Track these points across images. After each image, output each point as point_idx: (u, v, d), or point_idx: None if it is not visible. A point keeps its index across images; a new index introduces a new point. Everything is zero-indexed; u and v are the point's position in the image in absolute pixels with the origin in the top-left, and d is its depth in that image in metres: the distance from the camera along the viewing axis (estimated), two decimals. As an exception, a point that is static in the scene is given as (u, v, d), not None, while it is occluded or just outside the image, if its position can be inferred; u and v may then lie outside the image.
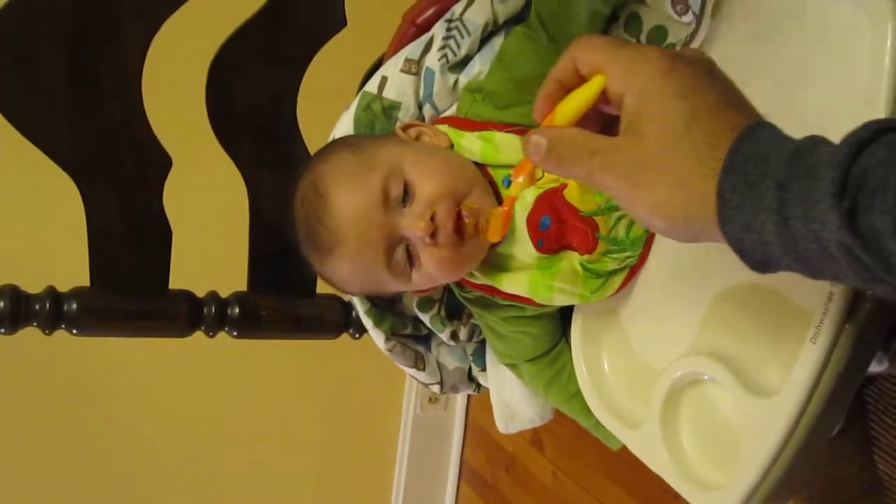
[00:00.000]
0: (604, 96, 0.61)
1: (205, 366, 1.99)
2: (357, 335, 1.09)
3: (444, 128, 0.89)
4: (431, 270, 0.82)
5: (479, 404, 2.41)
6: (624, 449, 0.96)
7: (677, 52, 0.59)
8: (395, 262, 0.83)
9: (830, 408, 0.68)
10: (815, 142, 0.50)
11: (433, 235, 0.80)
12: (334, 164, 0.85)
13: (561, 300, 0.87)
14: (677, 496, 0.78)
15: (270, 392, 2.18)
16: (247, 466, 2.19)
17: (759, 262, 0.53)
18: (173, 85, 1.10)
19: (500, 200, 0.85)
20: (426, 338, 1.04)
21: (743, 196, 0.51)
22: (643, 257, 0.85)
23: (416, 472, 2.41)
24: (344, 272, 0.86)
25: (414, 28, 0.96)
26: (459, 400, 2.45)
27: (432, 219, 0.79)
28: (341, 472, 2.35)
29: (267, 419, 2.19)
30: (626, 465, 1.89)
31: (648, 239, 0.84)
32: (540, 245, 0.84)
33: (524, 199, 0.84)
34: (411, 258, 0.83)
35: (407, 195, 0.82)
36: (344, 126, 0.96)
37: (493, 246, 0.86)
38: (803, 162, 0.49)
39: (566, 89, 0.64)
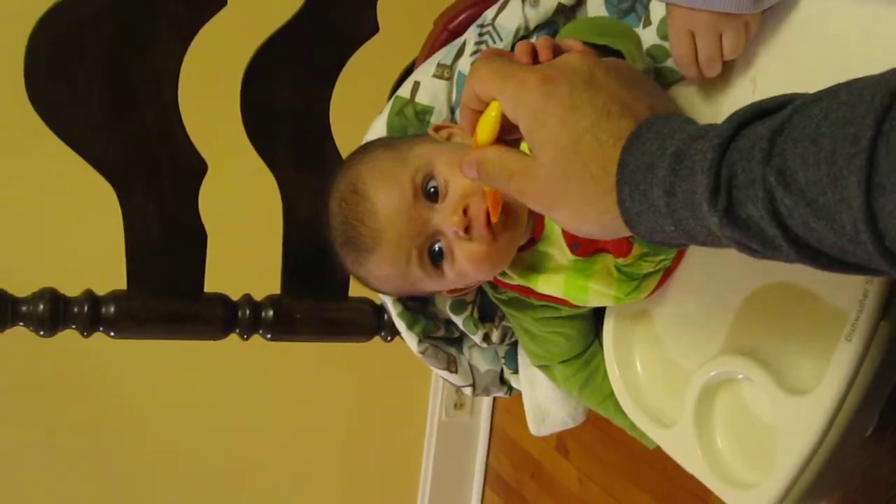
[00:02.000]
0: None
1: (232, 373, 2.01)
2: (389, 338, 1.10)
3: None
4: (466, 267, 0.83)
5: (505, 410, 2.41)
6: (649, 454, 0.96)
7: (556, 69, 0.62)
8: (429, 259, 0.84)
9: (865, 406, 0.69)
10: (693, 139, 0.54)
11: (467, 230, 0.80)
12: (371, 164, 0.86)
13: (595, 301, 0.87)
14: (702, 500, 0.78)
15: (296, 399, 2.19)
16: (272, 474, 2.20)
17: (677, 247, 0.61)
18: (208, 91, 1.11)
19: None
20: (458, 340, 1.05)
21: (640, 203, 0.56)
22: (677, 260, 0.85)
23: (441, 478, 2.42)
24: (382, 272, 0.87)
25: (446, 33, 0.97)
26: (485, 406, 2.46)
27: (465, 213, 0.80)
28: (367, 478, 2.36)
29: (292, 426, 2.20)
30: (651, 471, 1.89)
31: None
32: (575, 248, 0.85)
33: None
34: (446, 255, 0.83)
35: (439, 192, 0.83)
36: (377, 130, 0.97)
37: (529, 246, 0.87)
38: (683, 165, 0.53)
39: (478, 113, 0.68)
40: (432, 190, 0.82)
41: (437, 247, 0.83)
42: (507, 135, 0.67)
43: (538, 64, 0.68)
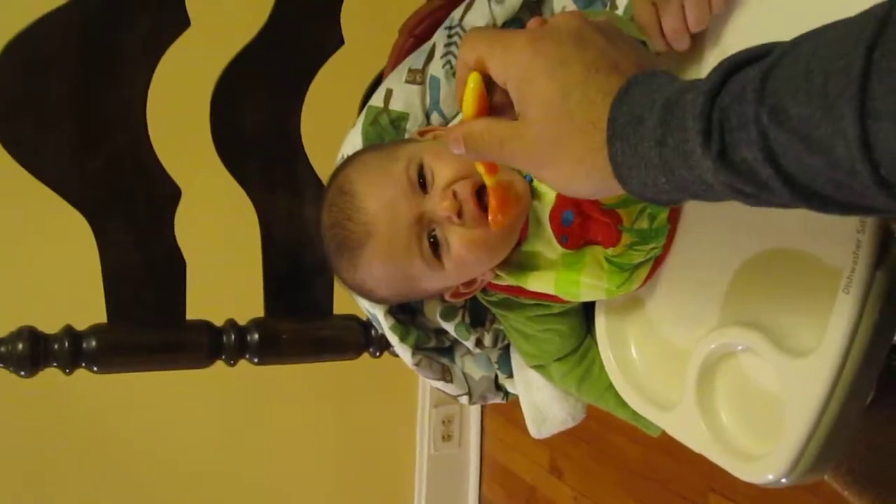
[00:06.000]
0: None
1: (215, 412, 1.99)
2: (377, 353, 1.09)
3: None
4: (462, 253, 0.82)
5: (494, 438, 2.39)
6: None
7: (543, 29, 0.62)
8: (425, 250, 0.83)
9: (868, 363, 0.68)
10: (682, 91, 0.53)
11: (460, 215, 0.80)
12: (359, 165, 0.86)
13: (588, 296, 0.86)
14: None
15: (282, 440, 2.16)
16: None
17: (668, 203, 0.59)
18: (177, 115, 1.11)
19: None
20: (450, 350, 1.03)
21: (631, 158, 0.55)
22: (667, 247, 0.84)
23: (434, 513, 2.39)
24: (376, 270, 0.85)
25: (412, 39, 0.97)
26: (473, 436, 2.44)
27: (455, 197, 0.80)
28: (359, 519, 2.33)
29: (278, 468, 2.17)
30: (646, 482, 1.88)
31: (672, 228, 0.84)
32: (564, 241, 0.85)
33: (546, 196, 0.85)
34: (441, 244, 0.83)
35: (426, 182, 0.83)
36: (352, 143, 0.96)
37: (518, 245, 0.86)
38: (673, 115, 0.52)
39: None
40: (422, 181, 0.82)
41: (431, 236, 0.83)
42: (498, 114, 0.66)
43: None
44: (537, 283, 0.87)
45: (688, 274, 0.84)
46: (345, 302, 1.04)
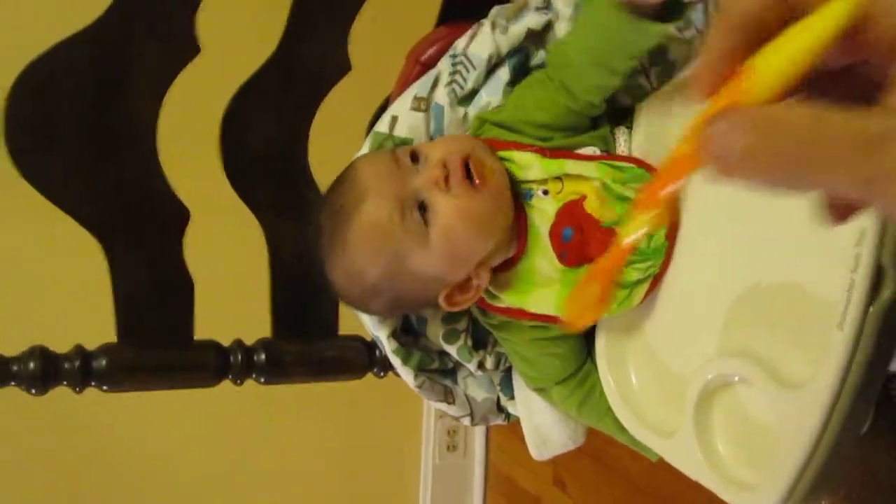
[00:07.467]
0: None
1: (219, 425, 1.99)
2: (382, 374, 1.10)
3: None
4: (449, 220, 0.84)
5: (499, 449, 2.40)
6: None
7: None
8: (412, 216, 0.85)
9: (861, 397, 0.69)
10: None
11: (446, 180, 0.83)
12: (362, 156, 0.93)
13: None
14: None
15: (286, 451, 2.17)
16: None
17: None
18: (187, 137, 1.12)
19: (522, 214, 0.88)
20: (452, 371, 1.05)
21: None
22: (664, 266, 0.86)
23: (439, 522, 2.40)
24: (366, 241, 0.87)
25: (419, 66, 0.99)
26: (478, 446, 2.44)
27: (444, 167, 0.84)
28: (364, 528, 2.33)
29: (283, 478, 2.17)
30: (648, 498, 1.89)
31: (669, 247, 0.85)
32: (563, 257, 0.86)
33: (546, 212, 0.86)
34: (429, 209, 0.85)
35: (419, 160, 0.87)
36: (357, 167, 0.99)
37: (514, 263, 0.88)
38: None
39: (759, 36, 0.37)
40: (413, 156, 0.87)
41: (418, 209, 0.85)
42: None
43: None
44: (538, 302, 0.88)
45: (686, 300, 0.86)
46: (350, 322, 1.06)
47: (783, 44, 0.35)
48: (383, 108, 1.03)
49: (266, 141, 1.03)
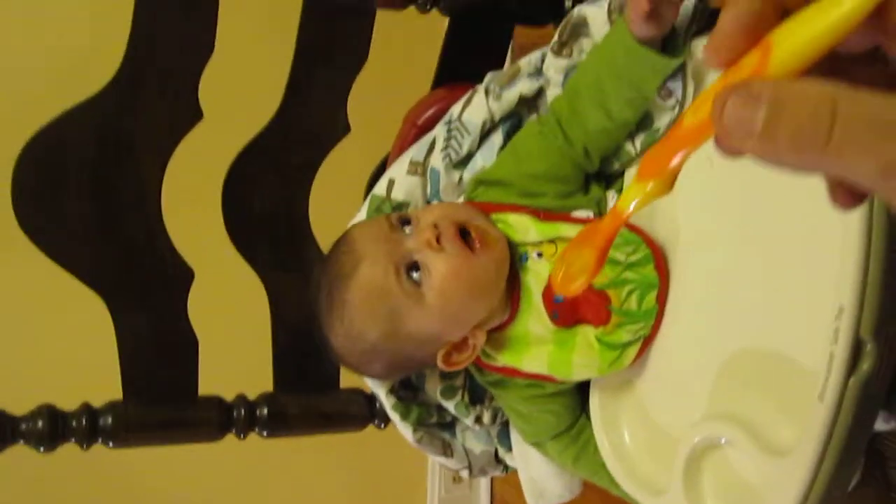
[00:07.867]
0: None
1: (227, 462, 2.00)
2: (382, 425, 1.12)
3: None
4: (443, 279, 0.85)
5: (504, 480, 2.40)
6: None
7: None
8: (406, 277, 0.86)
9: (844, 462, 0.71)
10: None
11: (438, 240, 0.85)
12: (358, 224, 0.95)
13: (580, 375, 0.90)
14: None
15: (293, 486, 2.18)
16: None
17: None
18: (190, 199, 1.15)
19: (516, 277, 0.89)
20: (451, 425, 1.07)
21: None
22: (655, 328, 0.88)
23: (447, 555, 2.40)
24: (363, 304, 0.88)
25: (416, 129, 1.01)
26: (483, 478, 2.45)
27: (436, 228, 0.86)
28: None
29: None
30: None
31: (659, 310, 0.87)
32: (555, 318, 0.88)
33: (541, 275, 0.88)
34: (422, 268, 0.86)
35: (411, 222, 0.89)
36: (356, 227, 1.01)
37: (507, 324, 0.90)
38: None
39: (782, 4, 0.36)
40: (406, 221, 0.89)
41: (412, 268, 0.87)
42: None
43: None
44: (532, 362, 0.90)
45: (676, 362, 0.87)
46: (351, 375, 1.08)
47: (805, 21, 0.33)
48: (381, 168, 1.05)
49: (268, 201, 1.06)
